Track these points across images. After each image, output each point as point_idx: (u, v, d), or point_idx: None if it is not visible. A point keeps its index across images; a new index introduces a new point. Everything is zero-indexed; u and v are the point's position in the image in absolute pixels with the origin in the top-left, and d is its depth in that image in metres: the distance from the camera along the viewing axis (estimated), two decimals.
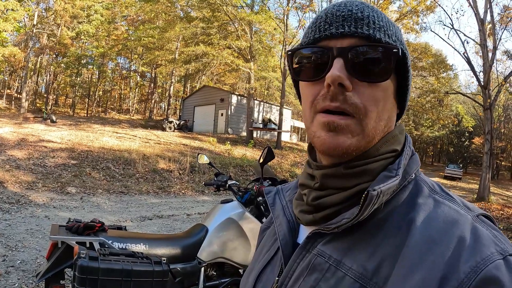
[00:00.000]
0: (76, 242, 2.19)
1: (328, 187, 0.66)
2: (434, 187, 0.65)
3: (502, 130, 43.74)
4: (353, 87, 0.60)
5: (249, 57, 24.91)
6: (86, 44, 38.88)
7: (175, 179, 12.72)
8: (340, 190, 0.65)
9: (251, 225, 3.00)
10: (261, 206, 3.15)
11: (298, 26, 27.75)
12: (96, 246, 2.22)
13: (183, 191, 11.52)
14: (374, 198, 0.57)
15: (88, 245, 2.23)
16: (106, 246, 2.24)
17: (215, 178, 3.48)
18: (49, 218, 6.59)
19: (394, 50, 0.60)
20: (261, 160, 3.09)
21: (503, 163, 44.53)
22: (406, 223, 0.58)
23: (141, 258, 2.04)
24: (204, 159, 3.59)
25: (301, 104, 0.71)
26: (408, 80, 0.67)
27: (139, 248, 2.38)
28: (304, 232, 0.72)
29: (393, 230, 0.59)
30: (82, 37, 37.07)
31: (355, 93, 0.60)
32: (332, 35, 0.62)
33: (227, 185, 3.31)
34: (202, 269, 2.71)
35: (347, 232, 0.62)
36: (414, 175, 0.66)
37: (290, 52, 0.69)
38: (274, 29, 26.42)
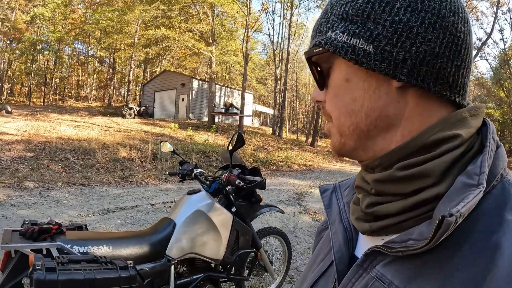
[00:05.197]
0: (32, 249, 1.97)
1: (384, 193, 0.55)
2: None
3: None
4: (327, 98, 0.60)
5: (211, 41, 24.59)
6: (42, 28, 37.14)
7: (137, 168, 12.36)
8: (398, 197, 0.53)
9: (221, 217, 2.89)
10: (231, 196, 3.03)
11: (261, 9, 27.70)
12: (54, 252, 2.00)
13: (145, 180, 11.20)
14: (452, 225, 0.43)
15: (45, 251, 2.02)
16: (65, 251, 2.02)
17: (180, 167, 3.32)
18: (6, 218, 6.19)
19: (316, 50, 0.57)
20: (231, 147, 2.96)
21: None
22: (489, 248, 0.43)
23: (105, 263, 1.87)
24: (167, 147, 3.38)
25: None
26: (351, 59, 0.53)
27: (102, 250, 2.19)
28: (363, 243, 0.62)
29: (472, 257, 0.44)
30: (38, 21, 35.35)
31: (327, 103, 0.60)
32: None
33: (193, 174, 3.15)
34: (172, 266, 2.57)
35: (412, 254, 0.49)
36: (500, 176, 0.51)
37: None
38: (237, 12, 26.26)
